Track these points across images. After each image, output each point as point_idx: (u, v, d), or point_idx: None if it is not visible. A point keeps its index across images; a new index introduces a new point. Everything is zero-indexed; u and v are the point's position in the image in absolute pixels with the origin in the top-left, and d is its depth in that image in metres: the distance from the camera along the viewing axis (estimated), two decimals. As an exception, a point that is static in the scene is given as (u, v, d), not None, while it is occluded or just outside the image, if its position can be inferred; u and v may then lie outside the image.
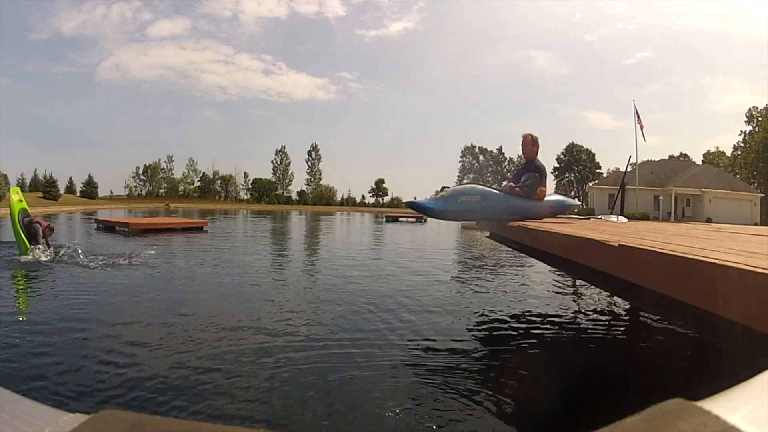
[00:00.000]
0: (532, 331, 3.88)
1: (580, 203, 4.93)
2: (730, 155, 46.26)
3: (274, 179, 65.04)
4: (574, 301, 5.24)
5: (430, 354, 3.10)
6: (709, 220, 23.16)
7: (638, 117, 24.71)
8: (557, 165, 53.25)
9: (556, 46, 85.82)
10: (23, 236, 6.40)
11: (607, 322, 4.35)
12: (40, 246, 6.42)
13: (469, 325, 4.05)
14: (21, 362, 2.60)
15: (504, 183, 4.41)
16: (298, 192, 65.55)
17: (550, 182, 52.87)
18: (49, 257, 6.35)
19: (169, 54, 78.42)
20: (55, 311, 3.77)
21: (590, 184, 43.33)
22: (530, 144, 4.32)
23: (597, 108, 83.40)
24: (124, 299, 4.39)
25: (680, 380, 2.36)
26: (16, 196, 6.69)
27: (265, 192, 62.94)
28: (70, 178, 53.83)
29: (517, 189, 4.07)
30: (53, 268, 5.82)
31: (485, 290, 5.74)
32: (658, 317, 3.75)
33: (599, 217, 6.35)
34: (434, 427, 2.12)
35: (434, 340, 3.40)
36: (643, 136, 25.28)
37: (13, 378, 2.37)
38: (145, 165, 63.28)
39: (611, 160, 75.30)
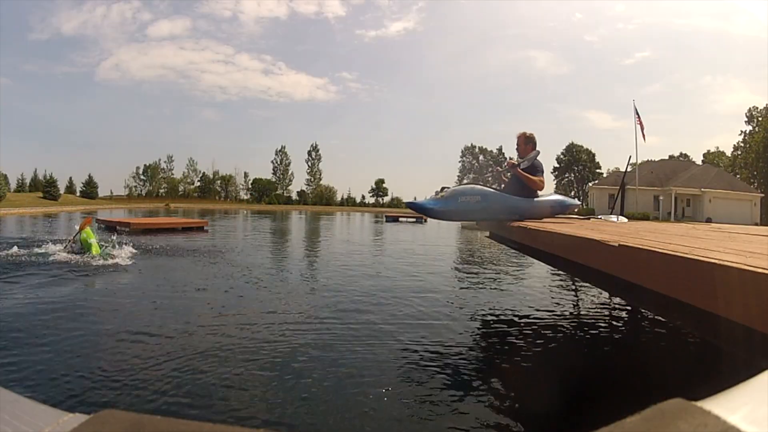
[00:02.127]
0: (532, 331, 3.88)
1: (580, 203, 4.94)
2: (730, 155, 46.25)
3: (274, 179, 65.07)
4: (574, 301, 5.24)
5: (429, 353, 3.10)
6: (709, 220, 23.16)
7: (638, 117, 24.73)
8: (557, 165, 53.25)
9: (556, 46, 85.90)
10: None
11: (607, 322, 4.35)
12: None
13: (468, 324, 4.05)
14: (21, 362, 2.60)
15: (505, 163, 4.40)
16: (298, 192, 65.62)
17: (551, 182, 53.02)
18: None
19: (169, 54, 78.50)
20: (55, 310, 3.77)
21: (590, 184, 43.32)
22: (523, 143, 4.31)
23: (597, 108, 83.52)
24: (125, 298, 4.39)
25: (680, 380, 2.36)
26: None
27: (265, 192, 62.96)
28: (70, 178, 53.97)
29: (519, 170, 4.05)
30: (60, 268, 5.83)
31: (485, 290, 5.74)
32: (658, 317, 3.75)
33: (599, 217, 6.35)
34: (433, 426, 2.12)
35: (433, 340, 3.40)
36: (643, 136, 25.30)
37: (13, 378, 2.37)
38: (145, 165, 63.43)
39: (611, 160, 75.37)
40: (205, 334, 3.30)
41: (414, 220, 26.39)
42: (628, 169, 13.24)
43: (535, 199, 4.09)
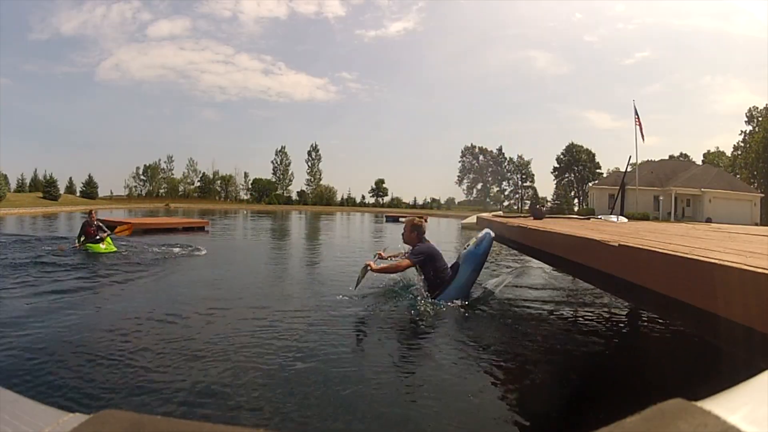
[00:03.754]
0: (531, 330, 3.87)
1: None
2: (730, 155, 46.28)
3: (274, 179, 65.08)
4: (574, 301, 5.23)
5: (429, 353, 3.10)
6: (709, 220, 23.15)
7: (637, 117, 24.73)
8: (557, 165, 53.32)
9: (556, 46, 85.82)
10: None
11: (607, 322, 4.35)
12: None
13: (468, 324, 4.05)
14: (21, 361, 2.60)
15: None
16: (298, 192, 65.61)
17: (551, 183, 53.08)
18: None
19: (169, 54, 78.51)
20: (58, 308, 3.77)
21: (590, 184, 43.36)
22: (409, 231, 4.27)
23: (597, 108, 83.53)
24: (125, 298, 4.39)
25: (680, 380, 2.36)
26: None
27: (265, 192, 62.96)
28: (70, 178, 54.00)
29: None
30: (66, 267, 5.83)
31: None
32: (658, 317, 3.75)
33: (599, 217, 6.35)
34: (432, 426, 2.12)
35: (432, 339, 3.40)
36: (642, 137, 25.28)
37: (13, 378, 2.37)
38: (145, 165, 63.44)
39: (611, 160, 75.30)
40: (206, 333, 3.29)
41: (414, 220, 26.39)
42: (628, 169, 13.25)
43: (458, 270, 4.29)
